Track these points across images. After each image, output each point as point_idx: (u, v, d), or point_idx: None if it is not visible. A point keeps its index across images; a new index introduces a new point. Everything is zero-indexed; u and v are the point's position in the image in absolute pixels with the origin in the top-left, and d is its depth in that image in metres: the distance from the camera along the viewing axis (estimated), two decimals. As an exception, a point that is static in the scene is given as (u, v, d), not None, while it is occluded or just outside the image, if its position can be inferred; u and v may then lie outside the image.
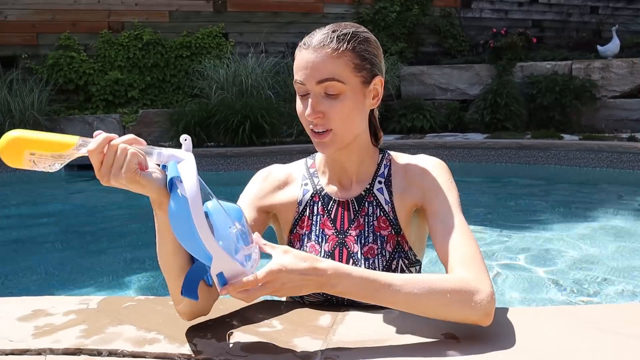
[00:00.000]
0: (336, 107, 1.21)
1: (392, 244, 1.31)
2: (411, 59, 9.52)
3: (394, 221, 1.32)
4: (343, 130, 1.24)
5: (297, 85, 1.24)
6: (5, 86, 7.64)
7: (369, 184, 1.35)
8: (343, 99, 1.22)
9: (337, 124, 1.23)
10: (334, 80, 1.20)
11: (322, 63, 1.19)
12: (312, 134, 1.26)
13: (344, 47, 1.21)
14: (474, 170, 6.79)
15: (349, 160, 1.33)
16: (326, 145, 1.25)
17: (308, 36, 1.24)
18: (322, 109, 1.21)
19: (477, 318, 1.07)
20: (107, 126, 8.06)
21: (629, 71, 8.18)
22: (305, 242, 1.36)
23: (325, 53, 1.19)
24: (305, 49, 1.22)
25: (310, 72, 1.20)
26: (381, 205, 1.33)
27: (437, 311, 1.08)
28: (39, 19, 8.45)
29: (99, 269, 3.72)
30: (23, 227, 4.97)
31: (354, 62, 1.22)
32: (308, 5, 9.55)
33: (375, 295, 1.08)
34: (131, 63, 8.70)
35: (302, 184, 1.40)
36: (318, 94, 1.21)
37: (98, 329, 1.18)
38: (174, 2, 8.99)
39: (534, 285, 3.22)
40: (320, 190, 1.38)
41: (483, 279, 1.11)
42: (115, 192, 5.49)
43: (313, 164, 1.42)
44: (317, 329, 1.16)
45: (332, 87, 1.20)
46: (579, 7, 11.01)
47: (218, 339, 1.13)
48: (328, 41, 1.20)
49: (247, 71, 8.05)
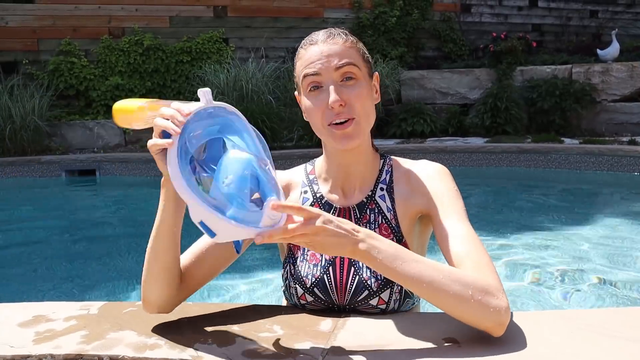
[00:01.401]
0: (356, 92, 1.22)
1: None
2: (411, 64, 9.54)
3: (396, 228, 1.30)
4: (364, 118, 1.24)
5: (309, 79, 1.23)
6: (6, 92, 7.65)
7: (370, 191, 1.33)
8: (360, 85, 1.24)
9: (359, 111, 1.23)
10: (352, 65, 1.22)
11: (338, 50, 1.22)
12: (334, 127, 1.23)
13: (351, 39, 1.26)
14: (475, 175, 6.79)
15: (356, 163, 1.32)
16: (350, 137, 1.23)
17: (309, 38, 1.26)
18: (344, 97, 1.21)
19: (491, 325, 1.05)
20: (108, 131, 8.07)
21: (628, 75, 8.19)
22: (306, 251, 1.34)
23: (337, 42, 1.23)
24: (313, 44, 1.23)
25: (327, 60, 1.21)
26: (383, 212, 1.31)
27: (454, 304, 1.05)
28: (40, 24, 8.48)
29: (100, 275, 3.72)
30: (23, 232, 4.96)
31: (361, 53, 1.27)
32: (308, 10, 9.58)
33: (402, 266, 1.06)
34: (132, 68, 8.72)
35: (301, 191, 1.38)
36: (336, 82, 1.22)
37: (99, 335, 1.18)
38: (175, 7, 9.02)
39: (534, 289, 3.22)
40: (320, 198, 1.36)
41: (501, 289, 1.09)
42: (116, 196, 5.48)
43: (312, 170, 1.41)
44: (318, 334, 1.16)
45: (350, 71, 1.22)
46: (579, 11, 11.03)
47: (219, 344, 1.13)
48: (335, 34, 1.25)
49: (248, 76, 8.06)
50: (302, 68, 1.24)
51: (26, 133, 7.49)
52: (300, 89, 1.29)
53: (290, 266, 1.34)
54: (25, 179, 7.07)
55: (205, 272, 1.28)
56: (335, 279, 1.29)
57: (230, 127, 1.02)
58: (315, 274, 1.30)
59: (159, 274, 1.19)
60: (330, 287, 1.29)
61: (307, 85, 1.24)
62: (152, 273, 1.19)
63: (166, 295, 1.22)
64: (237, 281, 3.35)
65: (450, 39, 10.11)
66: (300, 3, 9.53)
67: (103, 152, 7.82)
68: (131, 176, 7.03)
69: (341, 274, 1.29)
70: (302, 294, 1.31)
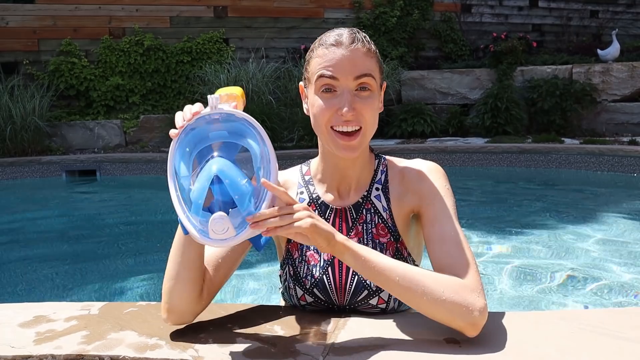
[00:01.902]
0: (368, 104, 1.22)
1: (392, 251, 1.30)
2: (412, 64, 9.54)
3: (393, 228, 1.31)
4: (370, 129, 1.24)
5: (325, 80, 1.21)
6: (6, 92, 7.65)
7: (366, 191, 1.33)
8: (372, 97, 1.23)
9: (367, 122, 1.23)
10: (370, 77, 1.22)
11: (360, 59, 1.21)
12: (339, 136, 1.22)
13: (373, 48, 1.25)
14: (475, 175, 6.78)
15: (353, 167, 1.32)
16: (354, 148, 1.23)
17: (331, 36, 1.24)
18: (357, 106, 1.21)
19: (465, 325, 1.07)
20: (108, 132, 8.07)
21: (629, 75, 8.19)
22: (304, 251, 1.34)
23: (360, 50, 1.21)
24: (336, 46, 1.21)
25: (348, 67, 1.20)
26: (379, 212, 1.31)
27: (426, 302, 1.08)
28: (40, 25, 8.48)
29: (101, 275, 3.72)
30: (24, 233, 4.96)
31: (378, 63, 1.26)
32: (308, 10, 9.58)
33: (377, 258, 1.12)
34: (132, 68, 8.72)
35: (297, 192, 1.38)
36: (352, 90, 1.21)
37: (100, 335, 1.18)
38: (175, 7, 9.02)
39: (535, 289, 3.22)
40: (317, 199, 1.36)
41: (478, 290, 1.11)
42: (117, 197, 5.46)
43: (308, 171, 1.40)
44: (318, 333, 1.16)
45: (367, 83, 1.22)
46: (579, 11, 11.03)
47: (219, 344, 1.13)
48: (360, 40, 1.23)
49: (248, 76, 8.06)
50: (319, 67, 1.22)
51: (27, 133, 7.49)
52: (309, 84, 1.28)
53: (289, 267, 1.35)
54: (26, 179, 7.07)
55: (221, 277, 1.28)
56: (335, 279, 1.29)
57: (236, 133, 1.06)
58: (315, 275, 1.30)
59: (188, 282, 1.18)
60: (330, 288, 1.29)
61: (321, 85, 1.22)
62: (181, 281, 1.17)
63: (193, 303, 1.21)
64: (237, 281, 3.35)
65: (451, 39, 10.11)
66: (301, 3, 9.53)
67: (103, 152, 7.82)
68: (132, 176, 7.03)
69: (340, 274, 1.29)
70: (302, 294, 1.31)
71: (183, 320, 1.22)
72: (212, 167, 1.00)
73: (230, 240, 1.01)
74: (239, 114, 1.05)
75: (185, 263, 1.17)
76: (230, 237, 1.01)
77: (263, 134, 1.06)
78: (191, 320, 1.23)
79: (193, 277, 1.18)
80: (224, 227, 1.00)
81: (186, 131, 1.05)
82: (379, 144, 7.49)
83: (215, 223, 0.99)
